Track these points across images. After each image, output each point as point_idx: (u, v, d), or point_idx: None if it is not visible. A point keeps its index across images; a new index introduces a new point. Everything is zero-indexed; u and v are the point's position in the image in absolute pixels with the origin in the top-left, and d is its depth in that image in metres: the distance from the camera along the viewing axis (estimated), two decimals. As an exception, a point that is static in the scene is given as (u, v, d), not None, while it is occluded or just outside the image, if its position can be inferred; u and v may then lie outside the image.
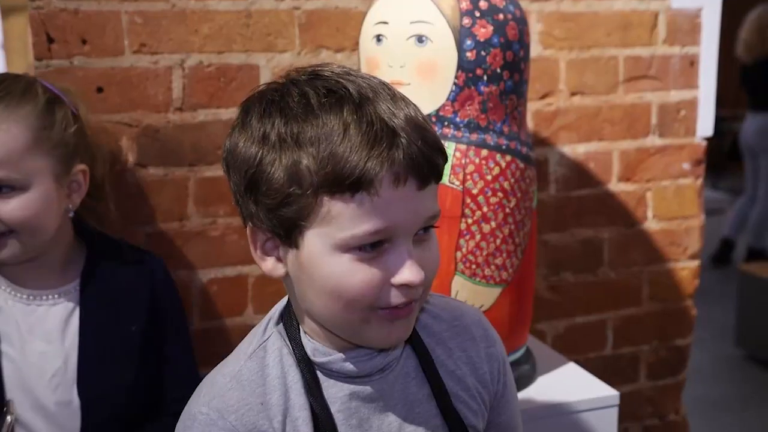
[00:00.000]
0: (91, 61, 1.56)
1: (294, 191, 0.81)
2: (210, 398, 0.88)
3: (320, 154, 0.79)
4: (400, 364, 0.94)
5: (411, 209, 0.83)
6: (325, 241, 0.82)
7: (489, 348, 1.02)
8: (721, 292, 4.59)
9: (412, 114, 0.84)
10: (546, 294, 1.97)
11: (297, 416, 0.88)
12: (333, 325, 0.88)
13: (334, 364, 0.90)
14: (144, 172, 1.62)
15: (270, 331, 0.93)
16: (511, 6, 1.42)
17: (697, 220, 2.07)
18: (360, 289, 0.83)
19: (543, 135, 1.90)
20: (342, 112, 0.81)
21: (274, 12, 1.66)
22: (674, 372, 2.14)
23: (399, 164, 0.80)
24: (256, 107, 0.86)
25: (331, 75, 0.86)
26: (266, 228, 0.86)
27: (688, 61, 1.98)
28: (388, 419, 0.92)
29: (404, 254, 0.83)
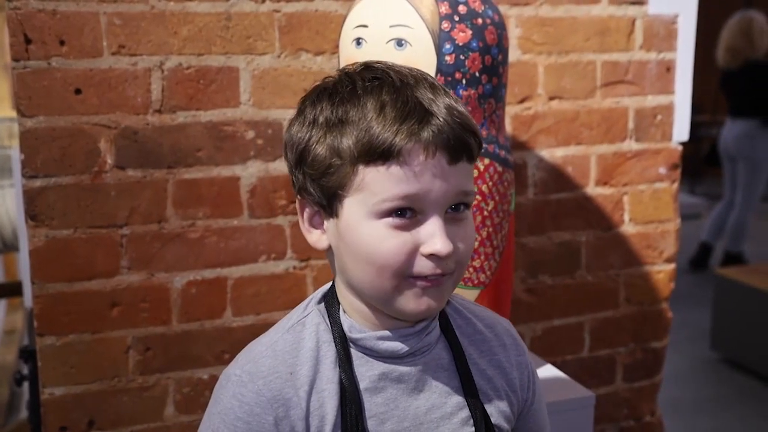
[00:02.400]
0: (70, 62, 1.56)
1: (335, 162, 0.89)
2: (245, 362, 0.95)
3: (359, 129, 0.87)
4: (433, 352, 0.98)
5: (440, 181, 0.88)
6: (361, 208, 0.89)
7: (519, 356, 1.05)
8: (699, 296, 4.63)
9: (450, 102, 0.91)
10: (524, 296, 1.98)
11: (324, 388, 0.93)
12: (369, 294, 0.93)
13: (367, 341, 0.95)
14: (122, 174, 1.62)
15: (311, 309, 0.99)
16: (490, 11, 1.43)
17: (672, 223, 2.09)
18: (391, 255, 0.88)
19: (522, 139, 1.91)
20: (381, 94, 0.89)
21: (254, 14, 1.67)
22: (650, 374, 2.16)
23: (428, 139, 0.87)
24: (311, 96, 0.94)
25: (380, 66, 0.93)
26: (312, 200, 0.94)
27: (664, 67, 2.01)
28: (415, 403, 0.96)
29: (434, 225, 0.88)
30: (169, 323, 1.69)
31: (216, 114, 1.67)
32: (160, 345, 1.69)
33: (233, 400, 0.92)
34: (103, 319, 1.64)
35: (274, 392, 0.91)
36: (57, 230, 1.59)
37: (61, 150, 1.57)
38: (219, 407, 0.93)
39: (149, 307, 1.67)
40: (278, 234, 1.75)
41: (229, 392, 0.93)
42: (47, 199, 1.57)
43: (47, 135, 1.56)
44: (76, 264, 1.61)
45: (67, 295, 1.61)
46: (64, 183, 1.58)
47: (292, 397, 0.92)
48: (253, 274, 1.74)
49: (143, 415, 1.69)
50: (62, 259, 1.60)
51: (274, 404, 0.91)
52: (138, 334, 1.68)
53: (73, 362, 1.63)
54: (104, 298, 1.64)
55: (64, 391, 1.63)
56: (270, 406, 0.91)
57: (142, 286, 1.66)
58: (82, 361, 1.64)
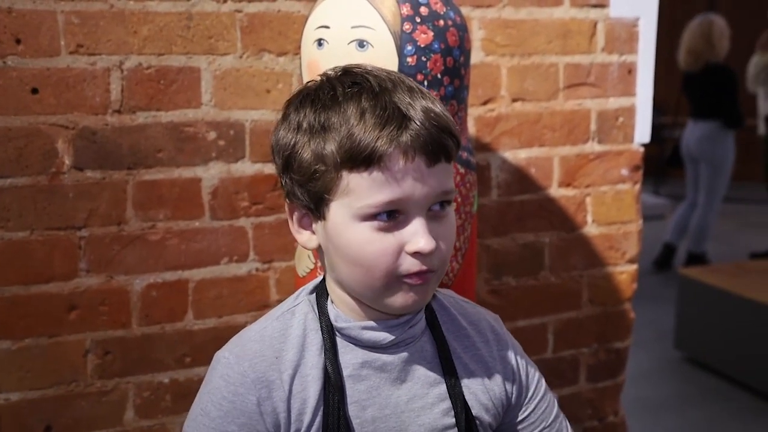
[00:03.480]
0: (26, 62, 1.53)
1: (319, 168, 0.92)
2: (234, 346, 0.99)
3: (341, 136, 0.91)
4: (418, 344, 1.02)
5: (421, 183, 0.92)
6: (347, 212, 0.92)
7: (501, 351, 1.09)
8: (663, 296, 4.68)
9: (428, 104, 0.94)
10: (488, 298, 1.99)
11: (308, 373, 0.97)
12: (358, 291, 0.97)
13: (352, 330, 0.99)
14: (81, 175, 1.59)
15: (301, 299, 1.03)
16: (452, 12, 1.43)
17: (634, 224, 2.11)
18: (377, 257, 0.92)
19: (485, 140, 1.92)
20: (361, 100, 0.92)
21: (216, 14, 1.65)
22: (613, 374, 2.18)
23: (406, 143, 0.90)
24: (295, 101, 0.98)
25: (359, 71, 0.97)
26: (300, 203, 0.97)
27: (626, 69, 2.02)
28: (397, 392, 1.00)
29: (417, 225, 0.92)
30: (129, 326, 1.67)
31: (177, 115, 1.65)
32: (119, 348, 1.67)
33: (220, 380, 0.96)
34: (60, 323, 1.62)
35: (258, 374, 0.95)
36: (13, 232, 1.56)
37: (18, 150, 1.55)
38: (208, 387, 0.98)
39: (108, 310, 1.65)
40: (240, 236, 1.73)
41: (218, 373, 0.97)
42: (3, 200, 1.54)
43: (3, 135, 1.53)
44: (33, 267, 1.58)
45: (23, 298, 1.58)
46: (21, 184, 1.56)
47: (275, 379, 0.96)
48: (215, 276, 1.72)
49: (102, 420, 1.67)
50: (18, 262, 1.57)
51: (258, 385, 0.95)
52: (97, 338, 1.65)
53: (30, 367, 1.60)
54: (62, 301, 1.61)
55: (20, 396, 1.60)
56: (253, 387, 0.95)
57: (101, 288, 1.64)
58: (39, 366, 1.61)
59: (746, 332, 3.62)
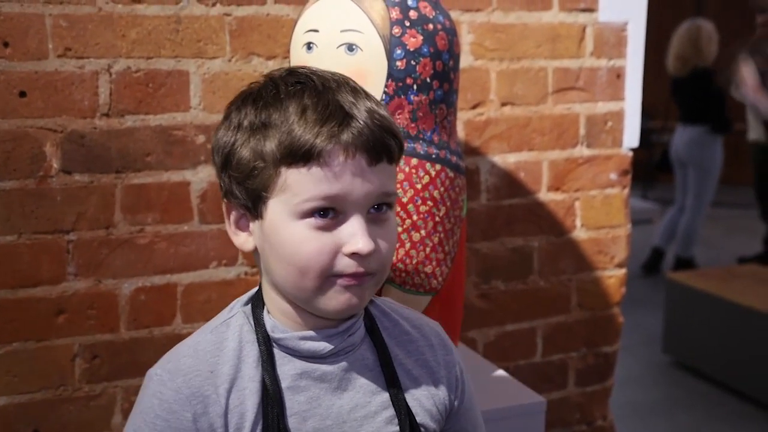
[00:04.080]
0: (14, 65, 1.52)
1: (258, 164, 0.91)
2: (167, 362, 0.96)
3: (281, 132, 0.90)
4: (358, 352, 1.00)
5: (360, 182, 0.90)
6: (284, 209, 0.91)
7: (446, 356, 1.07)
8: (651, 300, 4.69)
9: (372, 106, 0.93)
10: (477, 302, 1.99)
11: (245, 386, 0.95)
12: (292, 293, 0.95)
13: (289, 341, 0.96)
14: (69, 179, 1.59)
15: (236, 310, 1.01)
16: (441, 16, 1.43)
17: (623, 229, 2.12)
18: (312, 256, 0.90)
19: (474, 144, 1.92)
20: (303, 98, 0.91)
21: (205, 18, 1.65)
22: (602, 378, 2.18)
23: (348, 140, 0.89)
24: (236, 102, 0.97)
25: (304, 71, 0.96)
26: (238, 203, 0.95)
27: (614, 74, 2.03)
28: (338, 402, 0.98)
29: (355, 225, 0.91)
30: (117, 330, 1.66)
31: (165, 118, 1.65)
32: (107, 353, 1.66)
33: (153, 398, 0.93)
34: (48, 327, 1.61)
35: (193, 389, 0.93)
36: (0, 236, 1.55)
37: (5, 154, 1.54)
38: (141, 407, 0.95)
39: (96, 314, 1.64)
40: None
41: (150, 391, 0.94)
42: (-10, 204, 1.54)
43: (-10, 138, 1.52)
44: (21, 270, 1.57)
45: (10, 302, 1.57)
46: (8, 188, 1.55)
47: (211, 394, 0.93)
48: (204, 280, 1.72)
49: (90, 425, 1.66)
50: (6, 266, 1.56)
51: (193, 401, 0.92)
52: (85, 342, 1.64)
53: (17, 371, 1.59)
54: (50, 305, 1.60)
55: (7, 400, 1.59)
56: (188, 403, 0.92)
57: (89, 292, 1.63)
58: (27, 370, 1.60)
59: (734, 337, 3.63)
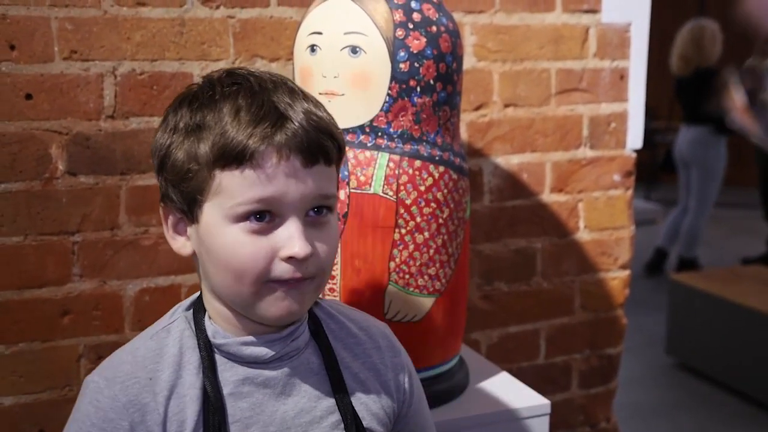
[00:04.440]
0: (20, 68, 1.53)
1: (192, 167, 0.90)
2: (104, 369, 0.94)
3: (214, 134, 0.88)
4: (302, 357, 0.99)
5: (296, 184, 0.89)
6: (218, 212, 0.90)
7: (394, 358, 1.07)
8: (654, 301, 4.69)
9: (309, 107, 0.92)
10: (480, 304, 1.99)
11: (185, 393, 0.93)
12: (230, 299, 0.93)
13: (231, 346, 0.95)
14: (74, 181, 1.60)
15: (177, 315, 0.99)
16: (444, 18, 1.44)
17: (627, 230, 2.12)
18: (248, 261, 0.89)
19: (477, 146, 1.92)
20: (237, 98, 0.90)
21: (209, 20, 1.66)
22: (605, 380, 2.18)
23: (282, 141, 0.88)
24: (174, 104, 0.96)
25: (242, 72, 0.95)
26: (175, 207, 0.94)
27: (618, 75, 2.03)
28: (283, 407, 0.96)
29: (292, 229, 0.89)
30: (122, 331, 1.67)
31: (170, 120, 1.65)
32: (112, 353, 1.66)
33: (89, 406, 0.91)
34: (54, 328, 1.62)
35: (130, 397, 0.91)
36: (6, 237, 1.56)
37: (11, 156, 1.55)
38: (77, 414, 0.93)
39: (101, 315, 1.65)
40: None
41: (86, 399, 0.92)
42: (-4, 205, 1.55)
43: (-4, 141, 1.53)
44: (26, 271, 1.58)
45: (16, 303, 1.58)
46: (14, 189, 1.56)
47: (149, 402, 0.91)
48: (208, 281, 1.72)
49: (95, 425, 1.66)
50: (12, 267, 1.57)
51: (130, 409, 0.90)
52: (90, 342, 1.65)
53: (23, 371, 1.60)
54: (55, 305, 1.61)
55: (13, 400, 1.60)
56: (125, 411, 0.90)
57: (95, 293, 1.64)
58: (32, 370, 1.61)
59: (738, 338, 3.63)
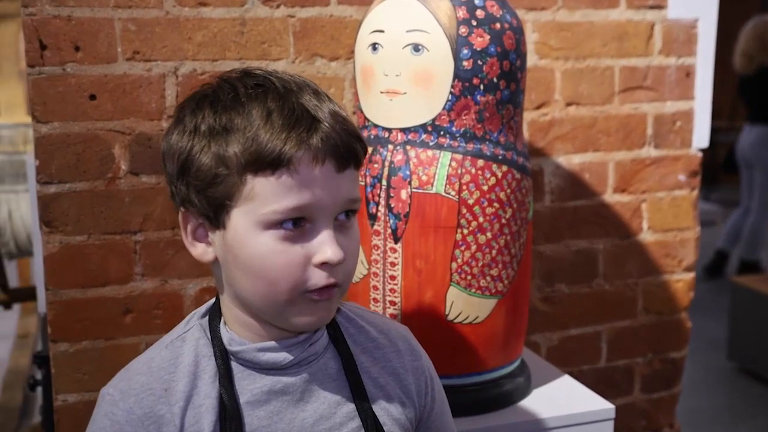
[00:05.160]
0: (84, 68, 1.55)
1: (221, 171, 0.86)
2: (119, 380, 0.93)
3: (245, 137, 0.85)
4: (321, 362, 0.97)
5: (330, 189, 0.88)
6: (250, 219, 0.87)
7: (415, 362, 1.04)
8: (714, 304, 4.59)
9: (334, 108, 0.91)
10: (540, 305, 1.96)
11: (201, 403, 0.91)
12: (259, 307, 0.91)
13: (247, 353, 0.93)
14: (136, 180, 1.61)
15: (192, 324, 0.97)
16: (508, 15, 1.41)
17: (692, 232, 2.07)
18: (282, 269, 0.87)
19: (538, 145, 1.89)
20: (266, 101, 0.87)
21: (269, 20, 1.65)
22: (669, 385, 2.13)
23: (317, 146, 0.86)
24: (190, 104, 0.92)
25: (261, 73, 0.93)
26: (197, 211, 0.91)
27: (684, 72, 1.98)
28: (301, 414, 0.94)
29: (324, 234, 0.88)
30: (183, 330, 1.68)
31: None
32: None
33: (105, 419, 0.90)
34: (116, 326, 1.63)
35: (146, 410, 0.89)
36: (71, 236, 1.58)
37: (76, 156, 1.56)
38: (92, 427, 0.92)
39: (162, 314, 1.66)
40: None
41: (102, 411, 0.91)
42: (61, 205, 1.56)
43: (62, 141, 1.55)
44: (90, 270, 1.60)
45: (80, 301, 1.60)
46: (79, 189, 1.57)
47: (165, 413, 0.90)
48: (267, 281, 1.72)
49: (156, 424, 1.68)
50: (76, 266, 1.59)
51: (146, 422, 0.89)
52: (151, 341, 1.64)
53: (87, 369, 1.62)
54: (117, 304, 1.63)
55: (77, 398, 1.62)
56: (141, 424, 0.89)
57: (156, 292, 1.65)
58: (96, 368, 1.63)
59: (803, 342, 3.53)
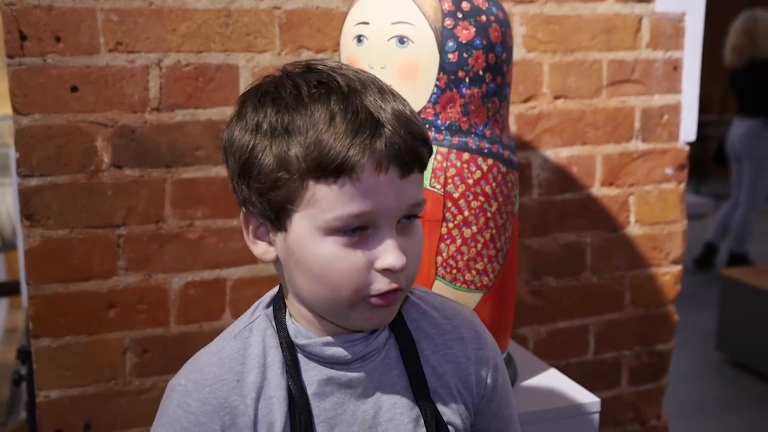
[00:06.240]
0: (66, 59, 1.53)
1: (282, 176, 0.85)
2: (190, 371, 0.92)
3: (307, 141, 0.83)
4: (382, 354, 0.96)
5: (393, 196, 0.86)
6: (311, 224, 0.85)
7: (479, 350, 1.02)
8: (704, 296, 4.60)
9: (399, 108, 0.87)
10: (528, 299, 1.95)
11: (272, 395, 0.91)
12: (320, 308, 0.91)
13: (314, 347, 0.93)
14: (119, 173, 1.59)
15: (258, 314, 0.97)
16: (494, 8, 1.40)
17: (679, 225, 2.06)
18: (344, 275, 0.86)
19: (526, 138, 1.88)
20: (329, 102, 0.85)
21: (254, 11, 1.64)
22: (656, 377, 2.13)
23: (381, 152, 0.83)
24: (252, 98, 0.89)
25: (324, 68, 0.89)
26: (258, 212, 0.90)
27: (671, 66, 1.97)
28: (363, 407, 0.94)
29: (387, 240, 0.86)
30: (167, 325, 1.67)
31: (215, 112, 1.64)
32: (157, 347, 1.67)
33: (179, 410, 0.90)
34: (99, 321, 1.62)
35: (221, 400, 0.90)
36: (53, 230, 1.56)
37: (57, 149, 1.55)
38: (165, 419, 0.91)
39: (147, 309, 1.65)
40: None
41: (175, 402, 0.91)
42: (43, 198, 1.55)
43: (43, 133, 1.53)
44: (72, 264, 1.58)
45: (62, 296, 1.59)
46: (60, 182, 1.56)
47: (239, 404, 0.90)
48: (253, 275, 1.71)
49: (140, 418, 1.66)
50: (58, 260, 1.57)
51: (221, 412, 0.89)
52: (135, 336, 1.65)
53: (69, 364, 1.61)
54: (101, 299, 1.61)
55: (60, 393, 1.61)
56: (216, 415, 0.89)
57: (140, 287, 1.64)
58: (79, 364, 1.61)
59: (791, 335, 3.55)
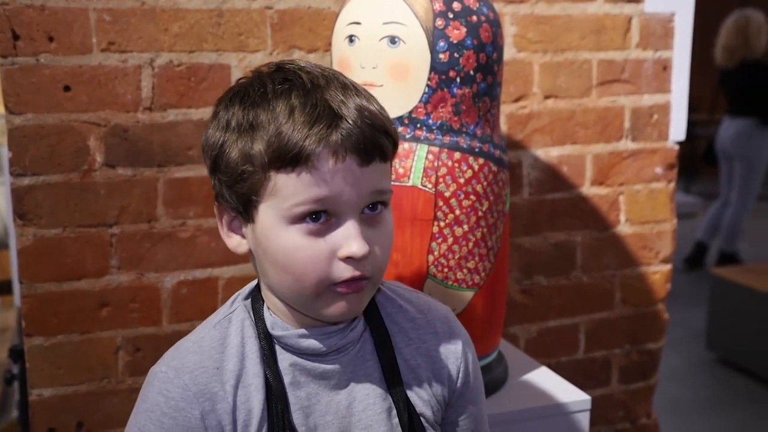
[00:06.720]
0: (58, 59, 1.53)
1: (247, 168, 0.89)
2: (171, 359, 0.95)
3: (269, 134, 0.87)
4: (357, 346, 0.99)
5: (352, 183, 0.88)
6: (275, 213, 0.89)
7: (452, 345, 1.05)
8: (694, 295, 4.62)
9: (362, 102, 0.91)
10: (519, 297, 1.96)
11: (250, 383, 0.94)
12: (289, 298, 0.94)
13: (289, 339, 0.96)
14: (112, 173, 1.60)
15: (237, 305, 1.00)
16: (485, 8, 1.41)
17: (669, 224, 2.08)
18: (308, 263, 0.89)
19: (517, 138, 1.89)
20: (290, 97, 0.89)
21: (246, 11, 1.64)
22: (646, 376, 2.15)
23: (336, 142, 0.87)
24: (225, 99, 0.94)
25: (292, 67, 0.93)
26: (229, 206, 0.94)
27: (661, 66, 1.99)
28: (337, 397, 0.98)
29: (349, 228, 0.89)
30: (160, 324, 1.67)
31: (207, 112, 1.64)
32: (150, 346, 1.67)
33: (159, 396, 0.92)
34: (92, 320, 1.62)
35: (200, 386, 0.92)
36: (45, 229, 1.57)
37: (50, 148, 1.55)
38: (145, 405, 0.93)
39: (139, 308, 1.65)
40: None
41: (155, 389, 0.93)
42: (35, 197, 1.55)
43: (35, 133, 1.54)
44: (65, 263, 1.59)
45: (55, 295, 1.59)
46: (53, 181, 1.56)
47: (218, 391, 0.93)
48: (245, 274, 1.72)
49: (133, 417, 1.67)
50: (51, 259, 1.58)
51: (200, 398, 0.92)
52: (128, 335, 1.65)
53: (62, 363, 1.61)
54: (93, 298, 1.62)
55: (53, 392, 1.61)
56: (196, 400, 0.92)
57: (132, 286, 1.64)
58: (71, 362, 1.62)
59: (781, 333, 3.56)
